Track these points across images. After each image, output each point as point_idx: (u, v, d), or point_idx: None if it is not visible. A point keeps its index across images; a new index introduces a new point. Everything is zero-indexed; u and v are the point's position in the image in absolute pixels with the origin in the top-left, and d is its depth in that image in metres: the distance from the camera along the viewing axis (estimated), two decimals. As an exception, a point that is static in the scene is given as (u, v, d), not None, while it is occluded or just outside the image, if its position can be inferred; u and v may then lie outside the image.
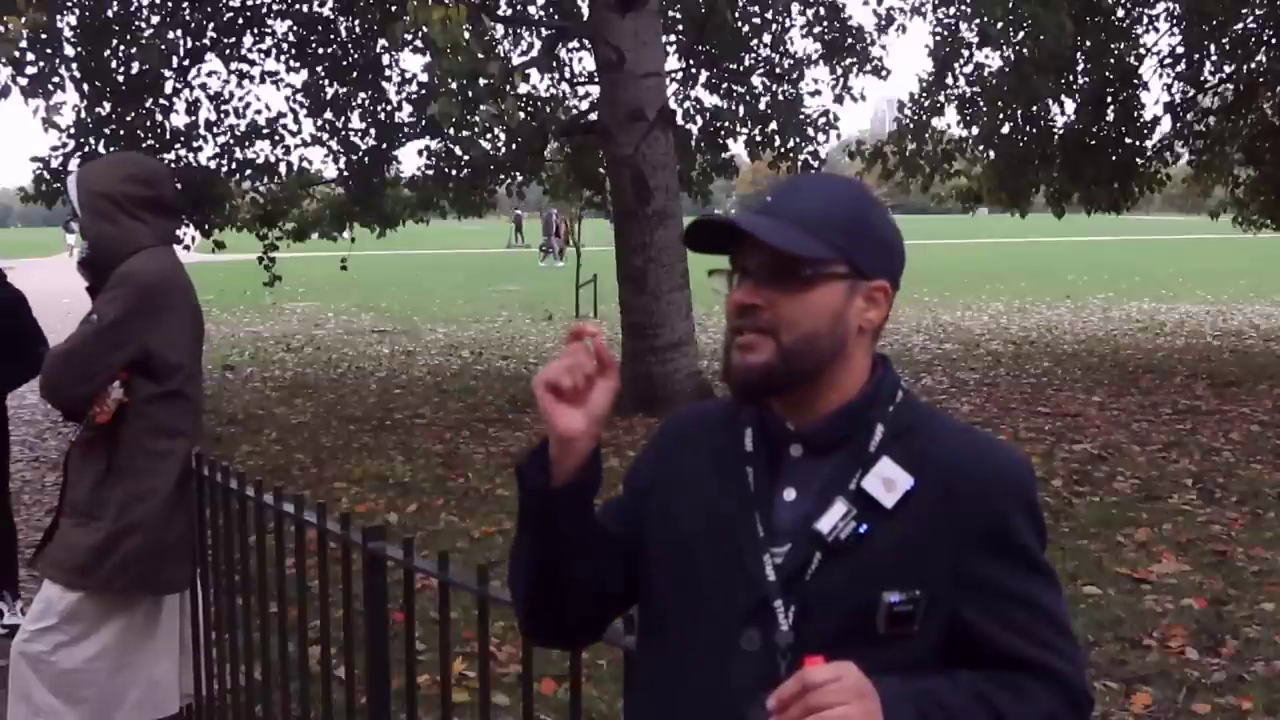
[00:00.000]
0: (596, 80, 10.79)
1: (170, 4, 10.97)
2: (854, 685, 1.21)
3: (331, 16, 12.00)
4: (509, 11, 12.90)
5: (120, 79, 10.70)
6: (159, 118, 11.10)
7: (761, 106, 13.27)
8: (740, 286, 1.41)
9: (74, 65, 10.28)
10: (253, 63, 11.74)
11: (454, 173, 12.51)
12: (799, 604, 1.35)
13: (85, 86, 10.51)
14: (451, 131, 11.02)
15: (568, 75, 13.30)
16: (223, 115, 11.60)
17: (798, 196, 1.43)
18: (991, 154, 14.24)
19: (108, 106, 10.71)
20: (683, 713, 1.42)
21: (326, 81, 11.92)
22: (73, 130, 10.51)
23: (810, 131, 13.14)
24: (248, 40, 11.64)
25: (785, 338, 1.38)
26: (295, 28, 11.79)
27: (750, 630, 1.37)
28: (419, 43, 9.97)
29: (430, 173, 12.44)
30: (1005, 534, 1.36)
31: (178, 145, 11.16)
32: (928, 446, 1.39)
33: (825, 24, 13.22)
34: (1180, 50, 14.03)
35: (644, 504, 1.53)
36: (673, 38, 12.78)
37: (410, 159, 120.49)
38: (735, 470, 1.45)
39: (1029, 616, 1.37)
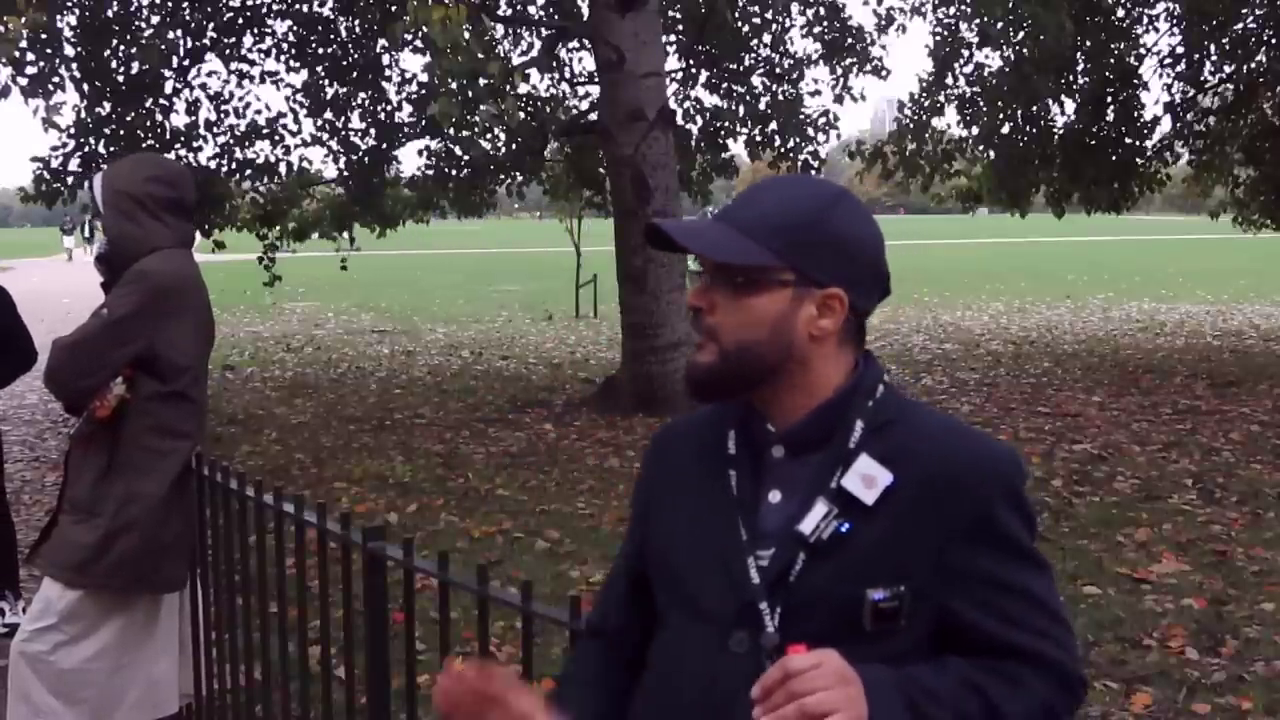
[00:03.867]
0: (596, 80, 10.79)
1: (170, 4, 10.97)
2: (836, 670, 1.22)
3: (331, 16, 12.00)
4: (509, 11, 12.90)
5: (120, 79, 10.70)
6: (159, 118, 11.10)
7: (761, 106, 13.27)
8: (694, 288, 1.44)
9: (74, 65, 10.27)
10: (253, 63, 11.74)
11: (454, 173, 12.52)
12: (785, 605, 1.35)
13: (85, 86, 10.50)
14: (451, 131, 11.04)
15: (568, 75, 13.31)
16: (223, 115, 11.61)
17: (755, 202, 1.43)
18: (991, 154, 14.24)
19: (108, 106, 10.70)
20: (675, 714, 1.43)
21: (326, 81, 11.93)
22: (73, 130, 10.51)
23: (810, 131, 13.14)
24: (248, 40, 11.64)
25: (724, 341, 1.40)
26: (295, 28, 11.79)
27: (739, 633, 1.37)
28: (419, 43, 9.98)
29: (430, 173, 12.44)
30: (989, 522, 1.36)
31: (178, 145, 11.15)
32: (907, 440, 1.39)
33: (825, 24, 13.22)
34: (1180, 50, 14.03)
35: (645, 529, 1.56)
36: (673, 38, 12.77)
37: (410, 159, 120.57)
38: (719, 474, 1.45)
39: (1020, 605, 1.37)
